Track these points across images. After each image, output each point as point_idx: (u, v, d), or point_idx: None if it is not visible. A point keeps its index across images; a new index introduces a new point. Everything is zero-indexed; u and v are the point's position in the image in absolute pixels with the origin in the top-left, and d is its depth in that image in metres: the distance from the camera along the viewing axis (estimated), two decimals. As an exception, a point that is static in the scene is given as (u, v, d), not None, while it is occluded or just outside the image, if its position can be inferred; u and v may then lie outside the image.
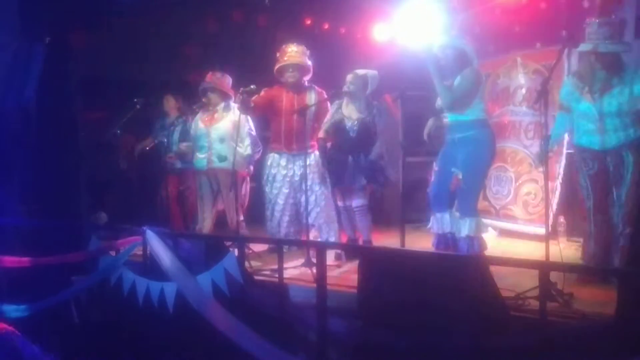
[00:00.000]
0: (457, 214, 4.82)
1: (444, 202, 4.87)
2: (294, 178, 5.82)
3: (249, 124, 6.08)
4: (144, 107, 6.84)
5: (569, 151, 5.73)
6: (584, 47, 4.32)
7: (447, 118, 4.86)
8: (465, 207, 4.78)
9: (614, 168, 4.35)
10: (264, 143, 6.26)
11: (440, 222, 4.90)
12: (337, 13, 7.85)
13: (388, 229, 5.67)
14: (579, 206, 4.68)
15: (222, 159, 6.03)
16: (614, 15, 4.58)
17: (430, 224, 5.11)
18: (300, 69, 5.82)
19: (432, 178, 5.01)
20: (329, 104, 5.80)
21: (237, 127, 5.90)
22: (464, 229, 4.74)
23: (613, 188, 4.36)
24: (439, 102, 4.89)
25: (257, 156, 6.22)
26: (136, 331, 4.80)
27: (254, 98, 5.76)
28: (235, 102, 6.05)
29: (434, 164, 5.05)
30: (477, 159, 4.76)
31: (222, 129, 6.08)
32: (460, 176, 4.71)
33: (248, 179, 6.30)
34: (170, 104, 6.96)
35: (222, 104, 6.17)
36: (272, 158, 5.93)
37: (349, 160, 5.50)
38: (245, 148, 5.99)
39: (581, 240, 4.99)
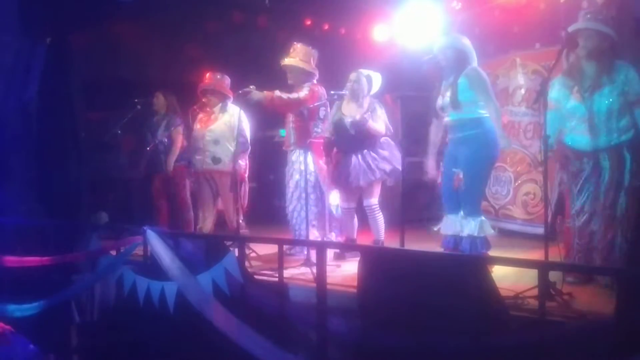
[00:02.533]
0: (462, 214, 4.83)
1: (455, 202, 4.87)
2: (293, 175, 5.85)
3: (242, 125, 6.06)
4: (145, 107, 6.85)
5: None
6: (569, 29, 4.27)
7: (449, 117, 4.85)
8: (468, 207, 4.76)
9: (592, 170, 4.26)
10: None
11: (451, 223, 4.90)
12: (337, 13, 7.84)
13: (388, 229, 5.66)
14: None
15: (216, 160, 6.07)
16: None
17: (439, 225, 5.10)
18: (298, 71, 5.81)
19: (440, 180, 5.00)
20: (313, 99, 5.72)
21: (231, 128, 5.94)
22: (467, 228, 4.74)
23: (593, 189, 4.26)
24: (439, 103, 4.89)
25: (244, 156, 6.18)
26: (136, 331, 4.81)
27: None
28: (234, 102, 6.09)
29: (441, 164, 5.04)
30: (478, 158, 4.72)
31: (216, 130, 6.11)
32: (461, 175, 4.71)
33: (247, 179, 6.32)
34: (160, 101, 6.90)
35: (219, 105, 6.19)
36: None
37: (353, 159, 5.50)
38: (233, 146, 5.98)
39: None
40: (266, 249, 5.72)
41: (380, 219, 5.57)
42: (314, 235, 5.69)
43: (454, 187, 4.74)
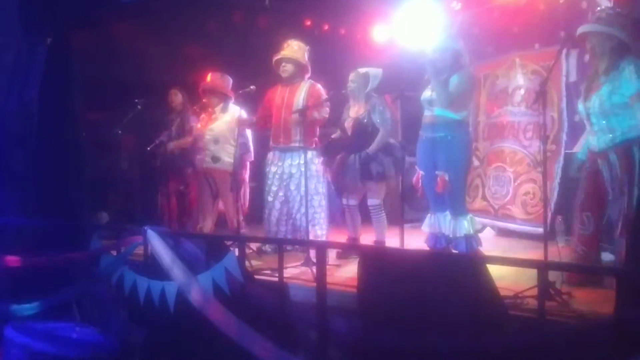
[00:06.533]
0: (449, 215, 4.87)
1: (441, 202, 4.91)
2: (283, 175, 5.81)
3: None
4: (145, 107, 6.85)
5: (567, 151, 5.76)
6: (578, 31, 4.25)
7: (435, 112, 4.87)
8: (457, 207, 4.85)
9: (605, 171, 4.20)
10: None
11: (439, 222, 4.93)
12: (337, 14, 7.85)
13: (388, 229, 5.67)
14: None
15: (215, 160, 6.08)
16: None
17: (424, 224, 5.13)
18: (294, 64, 5.81)
19: (420, 183, 5.04)
20: (324, 100, 5.75)
21: (231, 128, 5.94)
22: (461, 229, 4.79)
23: (609, 190, 4.20)
24: (427, 96, 4.92)
25: (248, 158, 6.22)
26: (136, 331, 4.81)
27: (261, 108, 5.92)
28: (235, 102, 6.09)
29: (416, 167, 5.08)
30: (462, 159, 4.85)
31: (216, 130, 6.12)
32: (447, 177, 4.76)
33: (247, 179, 6.33)
34: (178, 98, 6.84)
35: (220, 105, 6.20)
36: (268, 155, 5.96)
37: (350, 159, 5.51)
38: (236, 149, 5.97)
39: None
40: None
41: (382, 219, 5.58)
42: (314, 234, 5.70)
43: (437, 189, 4.80)
